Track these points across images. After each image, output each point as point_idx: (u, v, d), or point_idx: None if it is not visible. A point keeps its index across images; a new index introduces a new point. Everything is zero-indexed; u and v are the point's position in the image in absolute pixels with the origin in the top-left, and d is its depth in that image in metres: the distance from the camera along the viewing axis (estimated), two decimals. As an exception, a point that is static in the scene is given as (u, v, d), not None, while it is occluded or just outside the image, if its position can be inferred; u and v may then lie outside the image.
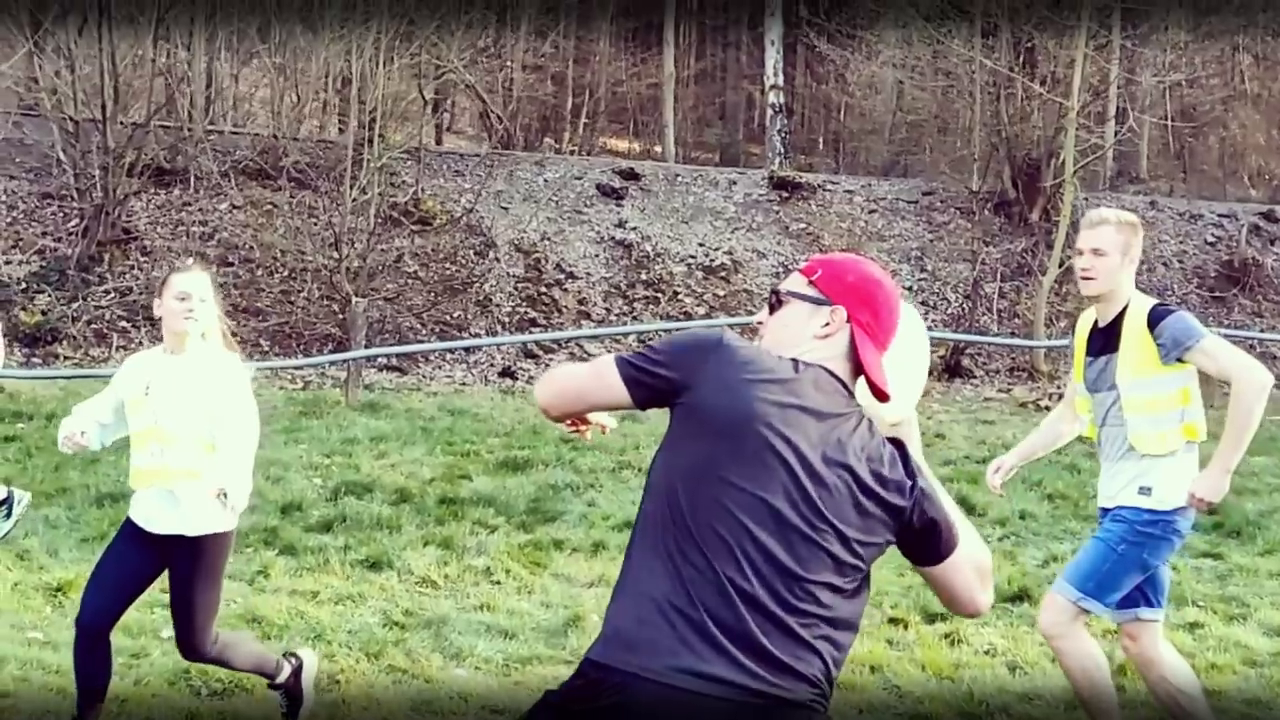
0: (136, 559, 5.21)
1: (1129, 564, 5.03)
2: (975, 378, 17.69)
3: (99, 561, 5.32)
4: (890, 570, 8.15)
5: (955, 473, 11.24)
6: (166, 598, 6.73)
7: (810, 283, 3.11)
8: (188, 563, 5.16)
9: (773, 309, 3.15)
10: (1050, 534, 9.44)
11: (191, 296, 5.11)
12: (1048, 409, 15.61)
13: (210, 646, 5.23)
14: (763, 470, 2.84)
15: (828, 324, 3.05)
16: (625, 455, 11.08)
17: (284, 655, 5.54)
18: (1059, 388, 16.86)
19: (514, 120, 24.08)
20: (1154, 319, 5.00)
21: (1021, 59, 20.36)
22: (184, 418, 5.04)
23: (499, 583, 7.51)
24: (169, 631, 6.29)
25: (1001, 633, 7.02)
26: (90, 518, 8.30)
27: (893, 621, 7.10)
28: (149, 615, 6.52)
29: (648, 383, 2.93)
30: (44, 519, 8.25)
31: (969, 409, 15.78)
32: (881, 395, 3.03)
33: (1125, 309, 5.09)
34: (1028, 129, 20.33)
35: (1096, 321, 5.24)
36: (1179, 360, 4.97)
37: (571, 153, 24.25)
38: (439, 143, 23.89)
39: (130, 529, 5.23)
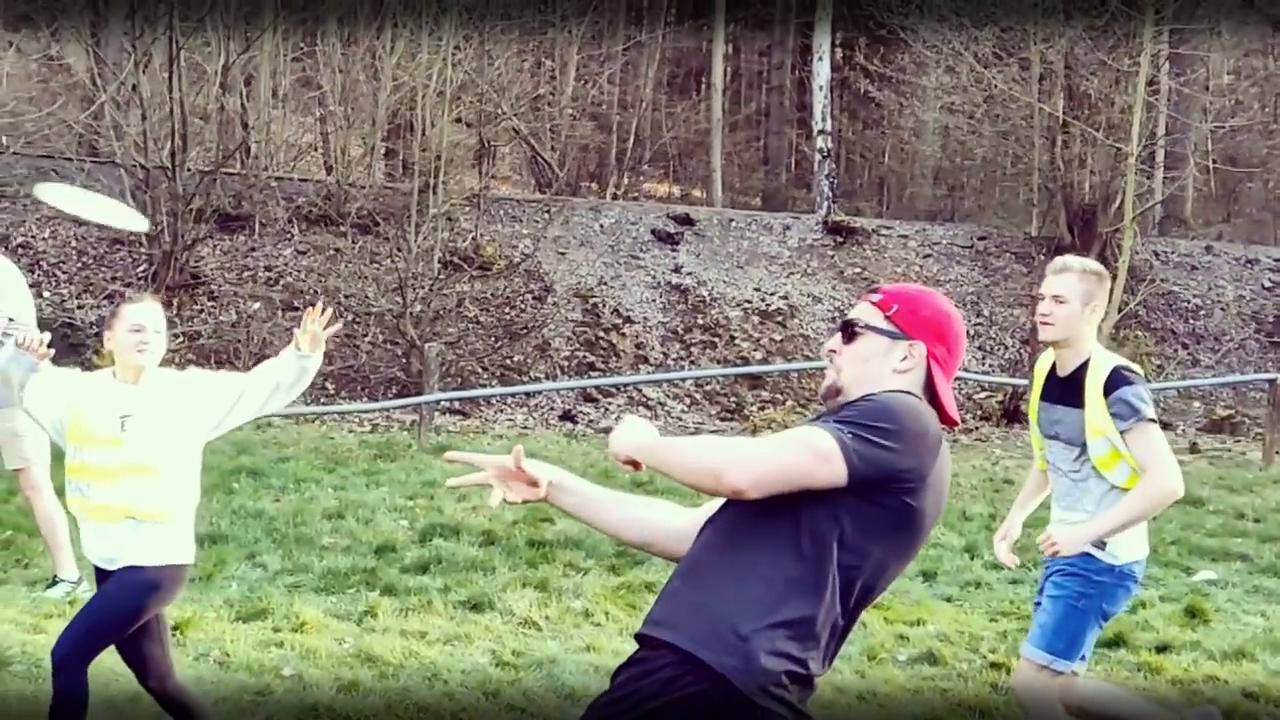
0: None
1: (1090, 616, 5.07)
2: (1024, 423, 17.71)
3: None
4: (983, 615, 8.26)
5: (1030, 518, 11.27)
6: (281, 636, 6.92)
7: (887, 317, 3.22)
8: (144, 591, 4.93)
9: (847, 339, 3.25)
10: (1133, 579, 9.47)
11: (146, 328, 4.94)
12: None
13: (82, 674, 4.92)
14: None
15: (906, 358, 3.18)
16: (700, 499, 11.17)
17: None
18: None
19: (562, 166, 24.34)
20: (1110, 385, 4.96)
21: (1076, 103, 20.48)
22: (166, 448, 4.89)
23: (599, 624, 7.62)
24: (290, 670, 6.44)
25: (1102, 676, 7.09)
26: (194, 558, 8.42)
27: (994, 666, 7.17)
28: (267, 654, 6.64)
29: (871, 475, 2.97)
30: (147, 560, 8.39)
31: (1030, 453, 15.81)
32: (951, 423, 3.19)
33: (1087, 363, 5.06)
34: (1083, 174, 20.42)
35: (1055, 367, 5.21)
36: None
37: (614, 197, 24.48)
38: (484, 187, 24.17)
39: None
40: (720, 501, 3.17)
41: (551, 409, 16.99)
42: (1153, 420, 4.93)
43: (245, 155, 19.47)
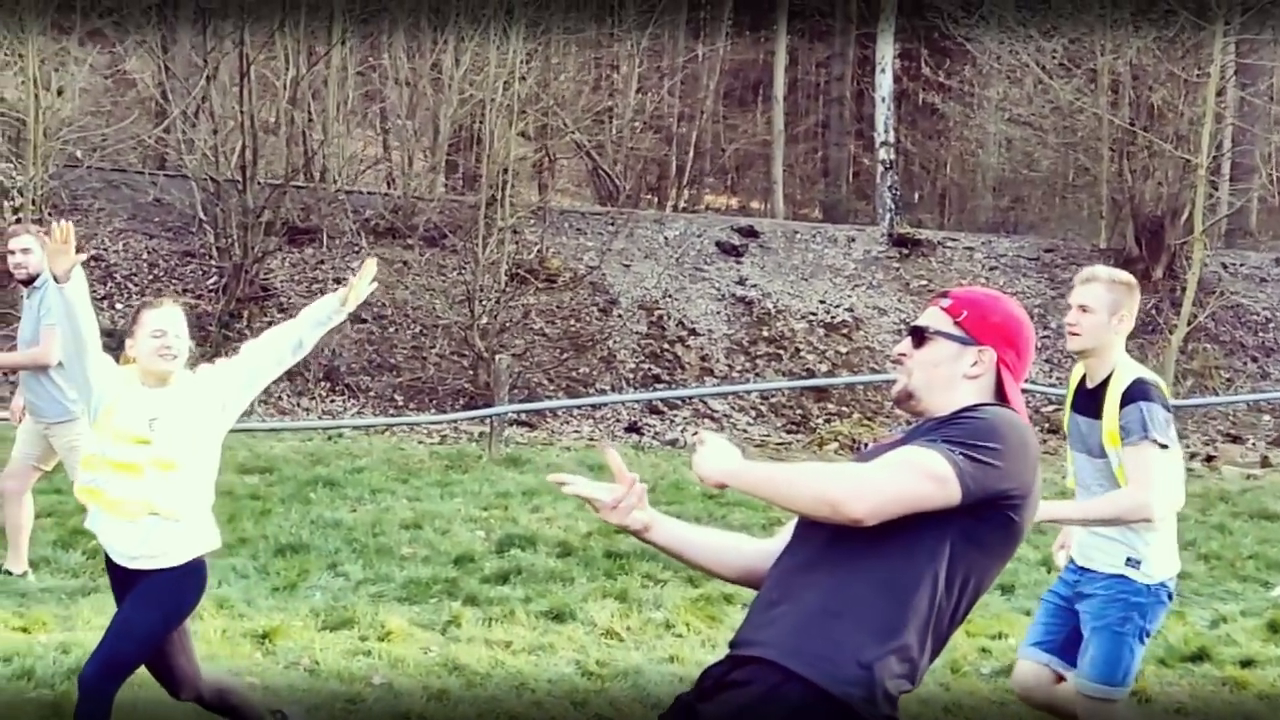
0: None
1: (1134, 639, 5.04)
2: (1101, 436, 17.60)
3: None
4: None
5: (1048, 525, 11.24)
6: (369, 645, 6.99)
7: (956, 322, 3.23)
8: (160, 591, 4.93)
9: (917, 344, 3.26)
10: (1213, 594, 9.41)
11: (167, 333, 4.92)
12: (1179, 467, 15.53)
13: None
14: None
15: (976, 363, 3.20)
16: (773, 512, 11.18)
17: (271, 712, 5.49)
18: (1187, 446, 16.74)
19: (623, 178, 24.41)
20: (1127, 396, 4.89)
21: (1143, 115, 20.36)
22: (192, 449, 4.92)
23: (681, 636, 7.65)
24: (379, 678, 6.51)
25: (1188, 692, 7.05)
26: (277, 567, 8.54)
27: (1078, 678, 7.13)
28: (356, 662, 6.72)
29: (981, 495, 2.98)
30: (231, 569, 8.50)
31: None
32: None
33: (1112, 375, 5.00)
34: (1150, 186, 20.29)
35: (1085, 379, 5.16)
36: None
37: (675, 210, 24.55)
38: (542, 199, 24.28)
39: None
40: (794, 519, 3.20)
41: (617, 421, 17.04)
42: (1156, 442, 4.81)
43: (314, 169, 19.67)
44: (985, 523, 3.02)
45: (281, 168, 18.62)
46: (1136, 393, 4.88)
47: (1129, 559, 5.00)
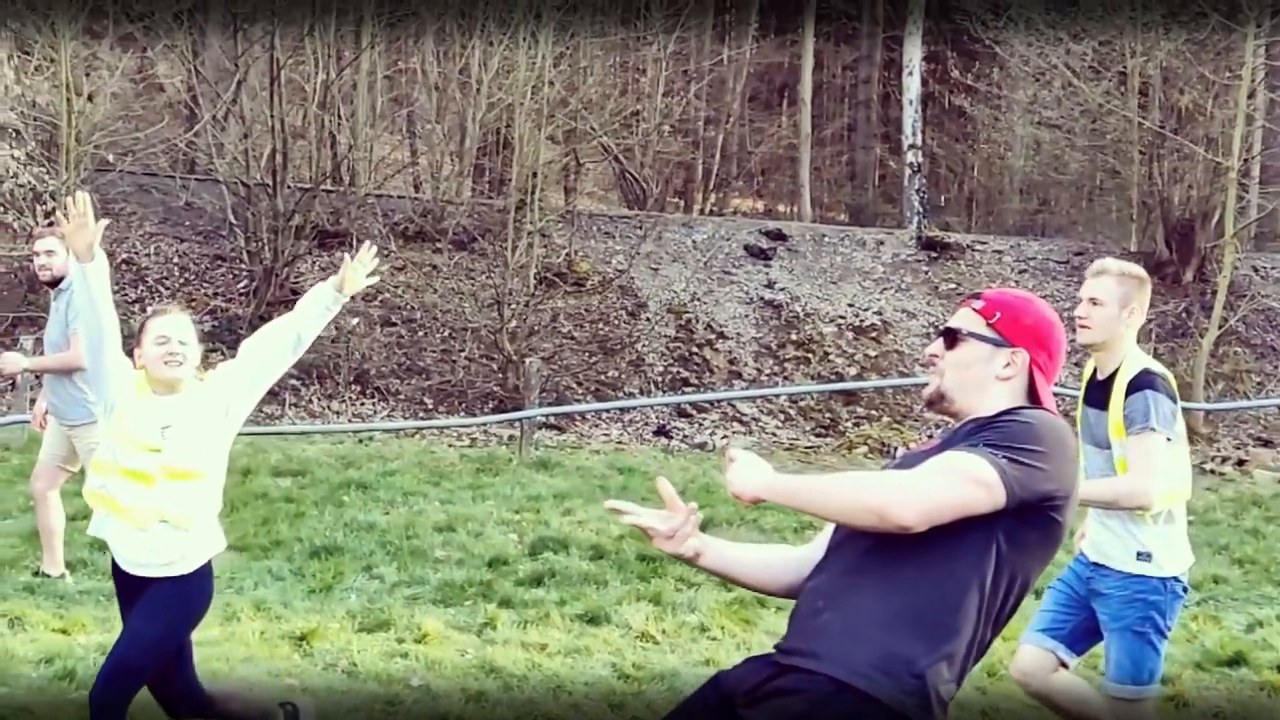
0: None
1: (1154, 636, 5.04)
2: (1132, 440, 17.53)
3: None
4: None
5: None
6: (405, 647, 7.02)
7: (989, 324, 3.24)
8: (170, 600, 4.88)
9: (949, 346, 3.27)
10: (1248, 599, 9.36)
11: (171, 339, 4.85)
12: (1211, 472, 15.47)
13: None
14: None
15: (1009, 365, 3.21)
16: (805, 515, 11.18)
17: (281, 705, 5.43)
18: (1219, 450, 16.68)
19: (649, 182, 24.43)
20: (1131, 386, 4.90)
21: (1172, 117, 20.28)
22: (203, 457, 4.86)
23: (716, 639, 7.65)
24: (417, 680, 6.53)
25: (1225, 696, 7.03)
26: (312, 569, 8.58)
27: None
28: (393, 664, 6.75)
29: (1026, 498, 2.99)
30: (267, 571, 8.55)
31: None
32: None
33: (1120, 366, 4.99)
34: (1180, 189, 20.21)
35: (1096, 372, 5.15)
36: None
37: (700, 213, 24.57)
38: (567, 203, 24.33)
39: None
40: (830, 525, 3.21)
41: (646, 424, 17.05)
42: (1157, 431, 4.82)
43: (343, 172, 19.75)
44: (1029, 525, 3.02)
45: (311, 172, 18.69)
46: (1142, 382, 4.88)
47: (1139, 553, 5.00)
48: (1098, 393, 5.09)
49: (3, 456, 12.26)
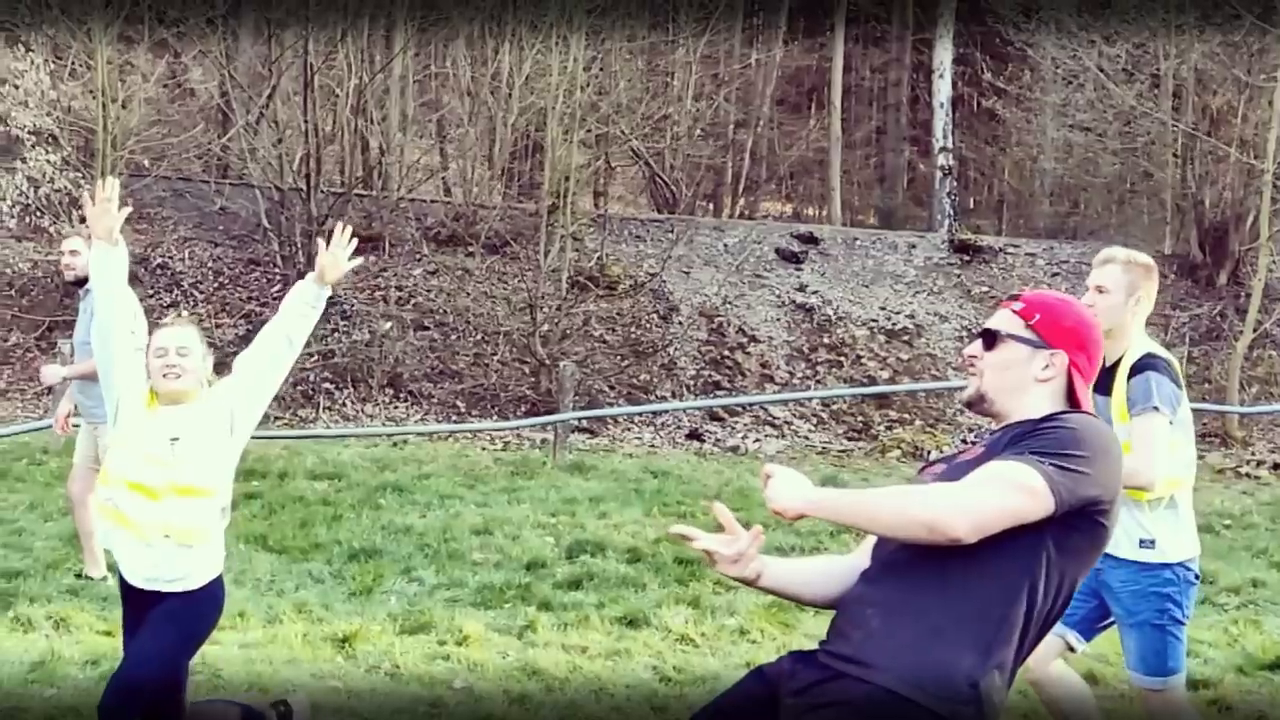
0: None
1: (1177, 624, 5.02)
2: (1167, 443, 17.46)
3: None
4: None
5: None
6: (447, 649, 7.04)
7: (1028, 325, 3.24)
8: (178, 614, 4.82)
9: (988, 347, 3.27)
10: (1288, 602, 9.33)
11: (169, 351, 4.79)
12: (1247, 476, 15.39)
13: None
14: None
15: (1048, 367, 3.21)
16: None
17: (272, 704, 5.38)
18: (1254, 454, 16.58)
19: (679, 185, 24.45)
20: (1134, 370, 4.91)
21: (1205, 119, 20.19)
22: (210, 472, 4.81)
23: (756, 642, 7.65)
24: (460, 682, 6.56)
25: (1269, 700, 7.00)
26: (351, 572, 8.62)
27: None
28: (435, 667, 6.77)
29: (1073, 504, 3.00)
30: (307, 573, 8.59)
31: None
32: None
33: (1126, 353, 5.00)
34: (1214, 192, 20.12)
35: (1105, 359, 5.07)
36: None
37: (729, 216, 24.59)
38: (597, 207, 24.39)
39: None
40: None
41: (678, 428, 17.05)
42: (1160, 411, 4.82)
43: (377, 177, 19.84)
44: (1075, 530, 3.03)
45: (344, 176, 18.79)
46: (1144, 365, 4.90)
47: (1141, 540, 4.99)
48: (1104, 379, 5.05)
49: (40, 459, 12.34)
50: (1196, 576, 5.11)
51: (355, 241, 5.16)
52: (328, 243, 5.11)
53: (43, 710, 5.89)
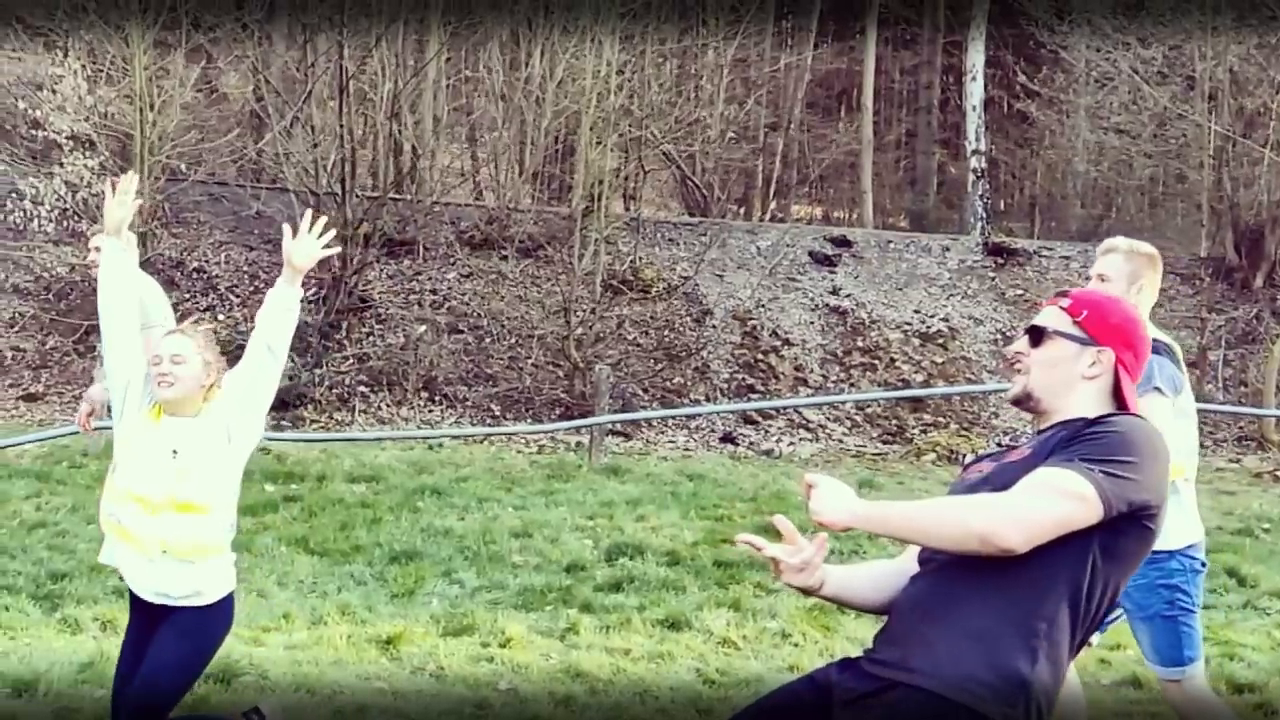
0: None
1: (1188, 613, 5.02)
2: (1204, 448, 17.36)
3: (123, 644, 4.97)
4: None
5: (1213, 544, 11.09)
6: (491, 651, 7.07)
7: (1076, 322, 3.23)
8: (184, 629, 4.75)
9: (1035, 344, 3.26)
10: (1329, 606, 9.28)
11: (163, 360, 4.68)
12: (1284, 479, 15.31)
13: None
14: None
15: (1095, 364, 3.20)
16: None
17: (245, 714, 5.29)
18: (1289, 457, 16.50)
19: (710, 188, 24.44)
20: None
21: (1241, 121, 20.09)
22: (212, 486, 4.73)
23: (798, 645, 7.66)
24: (505, 684, 6.58)
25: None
26: (393, 574, 8.66)
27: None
28: (480, 668, 6.80)
29: (1123, 509, 2.99)
30: (349, 576, 8.64)
31: (1204, 479, 15.50)
32: None
33: None
34: (1250, 194, 20.02)
35: None
36: None
37: (761, 219, 24.56)
38: (627, 210, 24.39)
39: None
40: None
41: (712, 431, 17.05)
42: (1161, 392, 4.80)
43: (410, 181, 19.90)
44: (1123, 535, 3.03)
45: (378, 181, 18.85)
46: None
47: None
48: None
49: (80, 462, 12.42)
50: (1203, 564, 5.11)
51: (332, 233, 5.09)
52: (294, 232, 5.01)
53: (94, 711, 5.93)
